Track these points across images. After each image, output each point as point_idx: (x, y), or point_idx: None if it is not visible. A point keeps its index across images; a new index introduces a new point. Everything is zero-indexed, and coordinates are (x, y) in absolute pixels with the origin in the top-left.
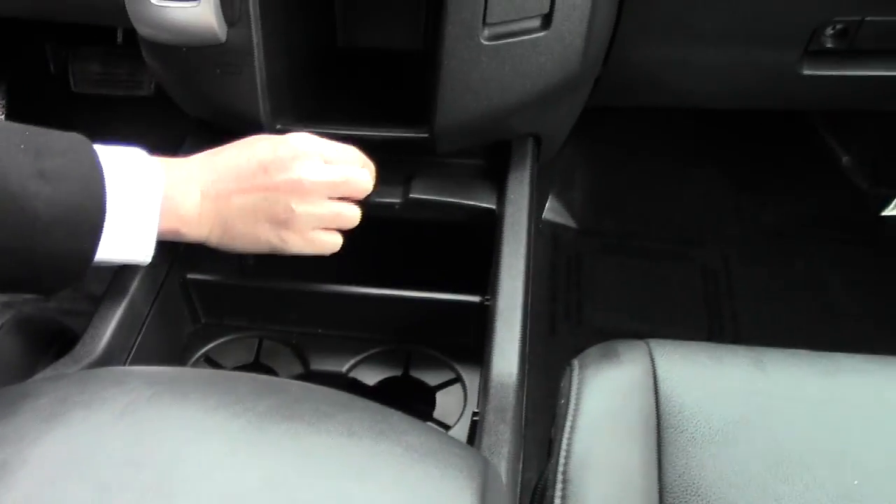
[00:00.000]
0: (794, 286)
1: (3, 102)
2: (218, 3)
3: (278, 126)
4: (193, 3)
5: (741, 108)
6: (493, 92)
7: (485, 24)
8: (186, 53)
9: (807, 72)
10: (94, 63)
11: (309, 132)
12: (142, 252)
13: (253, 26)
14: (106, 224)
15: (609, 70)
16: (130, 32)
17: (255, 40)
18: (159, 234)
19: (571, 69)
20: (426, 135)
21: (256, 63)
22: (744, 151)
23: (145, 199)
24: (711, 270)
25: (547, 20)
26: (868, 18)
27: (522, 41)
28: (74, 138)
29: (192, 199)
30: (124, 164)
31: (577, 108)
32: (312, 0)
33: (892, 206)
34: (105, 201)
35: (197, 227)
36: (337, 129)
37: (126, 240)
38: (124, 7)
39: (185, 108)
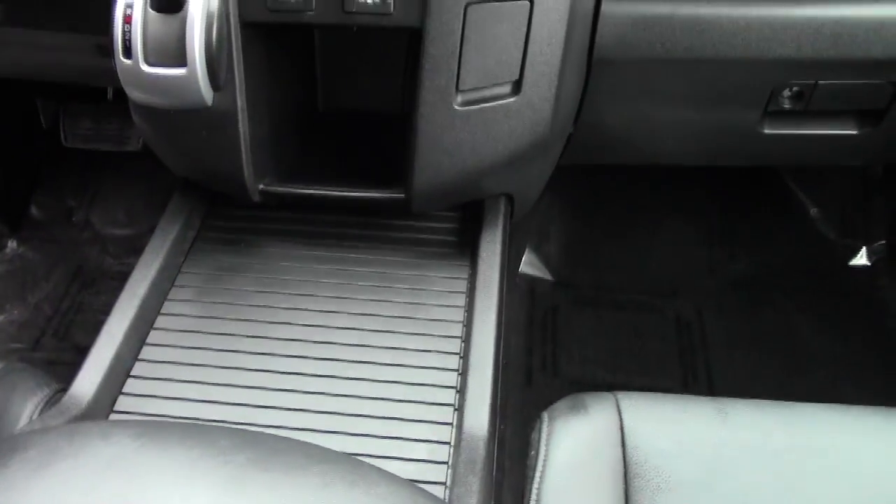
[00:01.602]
0: (765, 335)
1: None
2: (205, 69)
3: (261, 186)
4: (182, 70)
5: (708, 164)
6: (467, 154)
7: (458, 90)
8: (174, 116)
9: (767, 131)
10: (84, 119)
11: (290, 192)
12: None
13: (238, 91)
14: None
15: (579, 131)
16: (121, 90)
17: (239, 104)
18: None
19: (541, 133)
20: (402, 195)
21: (241, 126)
22: (715, 204)
23: None
24: (685, 321)
25: (517, 87)
26: (821, 82)
27: (494, 106)
28: None
29: None
30: None
31: (548, 168)
32: (295, 66)
33: (858, 255)
34: None
35: None
36: (317, 189)
37: None
38: (115, 70)
39: (172, 167)
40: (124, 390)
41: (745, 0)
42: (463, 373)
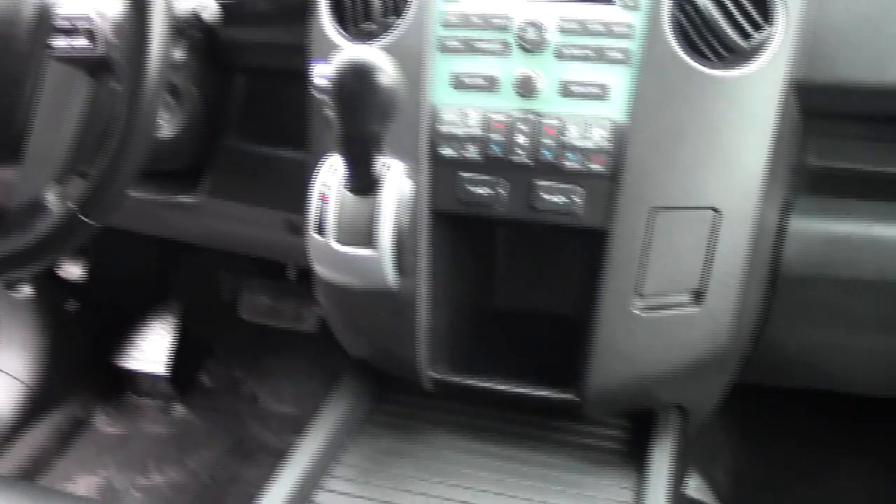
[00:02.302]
0: None
1: (175, 322)
2: (392, 252)
3: (433, 374)
4: (370, 251)
5: (891, 396)
6: (643, 361)
7: (638, 295)
8: (357, 296)
9: None
10: (263, 295)
11: (462, 383)
12: None
13: (422, 278)
14: None
15: (760, 349)
16: (303, 270)
17: (422, 291)
18: None
19: (721, 345)
20: (574, 397)
21: (421, 312)
22: None
23: None
24: None
25: (698, 296)
26: None
27: (674, 314)
28: None
29: None
30: None
31: (724, 383)
32: (476, 259)
33: None
34: None
35: None
36: (488, 383)
37: None
38: (304, 248)
39: (347, 346)
40: None
41: None
42: None
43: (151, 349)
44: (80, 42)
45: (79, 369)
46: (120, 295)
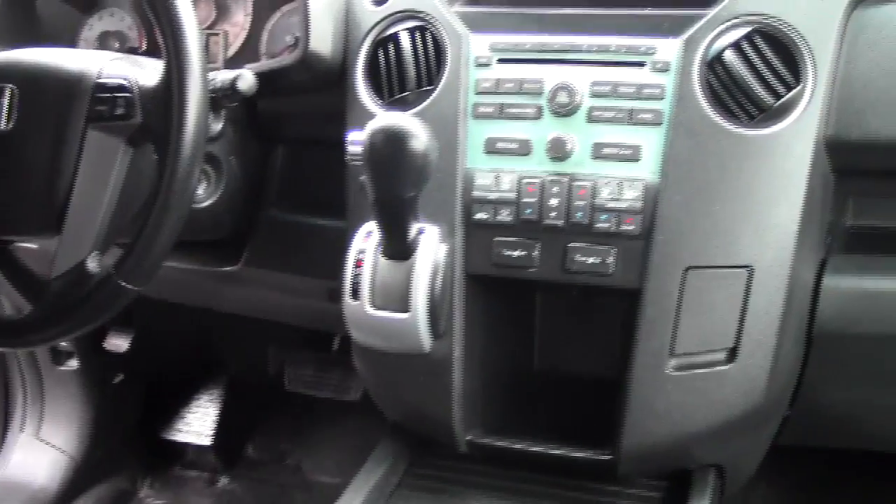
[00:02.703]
0: None
1: (222, 395)
2: (427, 316)
3: (468, 437)
4: (404, 315)
5: None
6: (677, 420)
7: (672, 354)
8: (392, 359)
9: None
10: (308, 366)
11: (497, 445)
12: None
13: (456, 340)
14: None
15: (798, 408)
16: (345, 341)
17: (456, 353)
18: None
19: (756, 403)
20: (610, 456)
21: (455, 375)
22: None
23: None
24: None
25: (732, 354)
26: None
27: (708, 373)
28: None
29: None
30: None
31: (763, 443)
32: (515, 323)
33: None
34: None
35: None
36: (523, 445)
37: None
38: (342, 314)
39: (384, 409)
40: None
41: None
42: None
43: (197, 421)
44: (120, 111)
45: (124, 442)
46: (165, 367)
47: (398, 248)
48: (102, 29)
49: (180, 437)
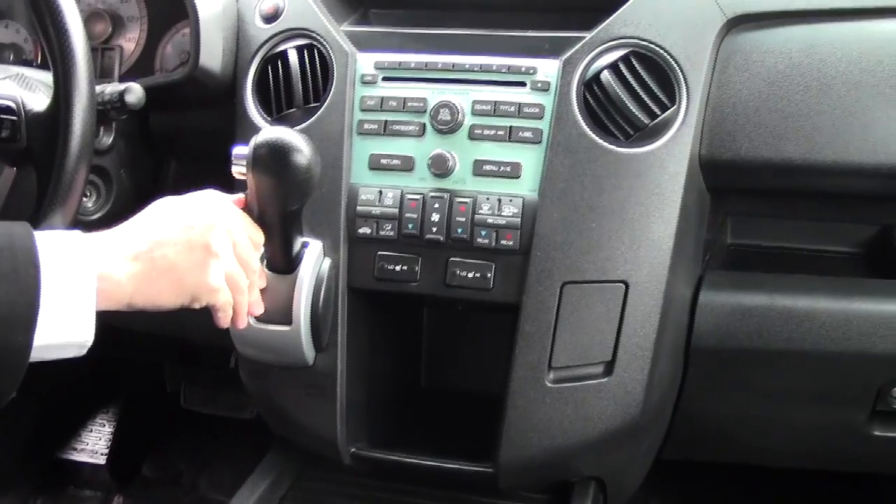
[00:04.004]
0: None
1: (118, 412)
2: (309, 329)
3: (353, 450)
4: (287, 328)
5: (818, 469)
6: (556, 432)
7: (550, 367)
8: (277, 372)
9: (877, 433)
10: (205, 385)
11: (380, 457)
12: (82, 333)
13: (339, 354)
14: (41, 313)
15: (678, 423)
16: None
17: (339, 367)
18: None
19: (633, 415)
20: (490, 469)
21: (339, 388)
22: None
23: (79, 280)
24: None
25: (609, 367)
26: None
27: (586, 385)
28: (15, 231)
29: (121, 266)
30: (59, 248)
31: (642, 456)
32: (401, 339)
33: None
34: (38, 296)
35: (122, 286)
36: (407, 458)
37: (63, 323)
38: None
39: (271, 423)
40: None
41: (844, 294)
42: None
43: (92, 440)
44: (5, 133)
45: (17, 460)
46: (60, 384)
47: (282, 261)
48: None
49: (74, 455)
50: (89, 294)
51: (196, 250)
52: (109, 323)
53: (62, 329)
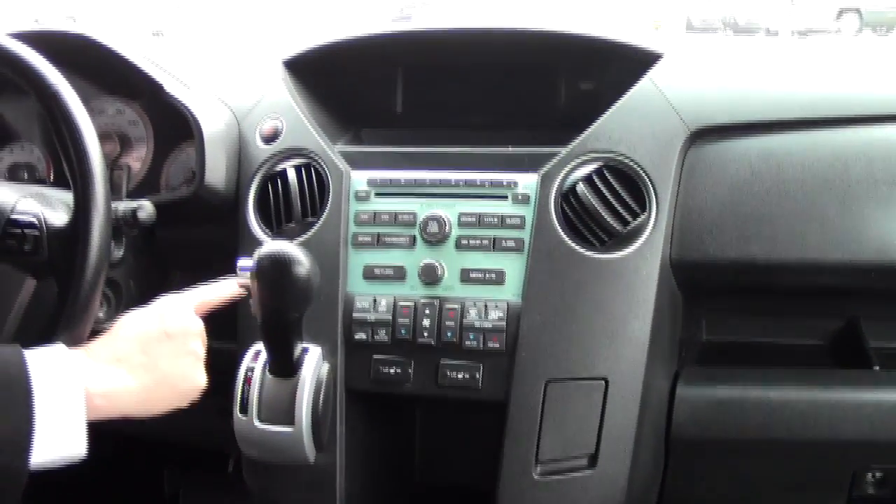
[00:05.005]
0: None
1: None
2: (310, 429)
3: None
4: (289, 428)
5: None
6: None
7: (538, 461)
8: (279, 471)
9: None
10: (204, 488)
11: None
12: (75, 448)
13: (338, 452)
14: (35, 436)
15: None
16: (239, 462)
17: (339, 464)
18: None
19: (617, 503)
20: None
21: (338, 485)
22: None
23: (70, 401)
24: None
25: (593, 459)
26: None
27: (571, 478)
28: (8, 359)
29: (114, 379)
30: (50, 371)
31: None
32: (394, 438)
33: None
34: (33, 424)
35: (119, 398)
36: None
37: (57, 443)
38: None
39: None
40: None
41: (813, 384)
42: None
43: None
44: (28, 247)
45: None
46: (57, 491)
47: (284, 365)
48: (13, 161)
49: None
50: (80, 412)
51: (182, 356)
52: (108, 429)
53: (57, 448)
